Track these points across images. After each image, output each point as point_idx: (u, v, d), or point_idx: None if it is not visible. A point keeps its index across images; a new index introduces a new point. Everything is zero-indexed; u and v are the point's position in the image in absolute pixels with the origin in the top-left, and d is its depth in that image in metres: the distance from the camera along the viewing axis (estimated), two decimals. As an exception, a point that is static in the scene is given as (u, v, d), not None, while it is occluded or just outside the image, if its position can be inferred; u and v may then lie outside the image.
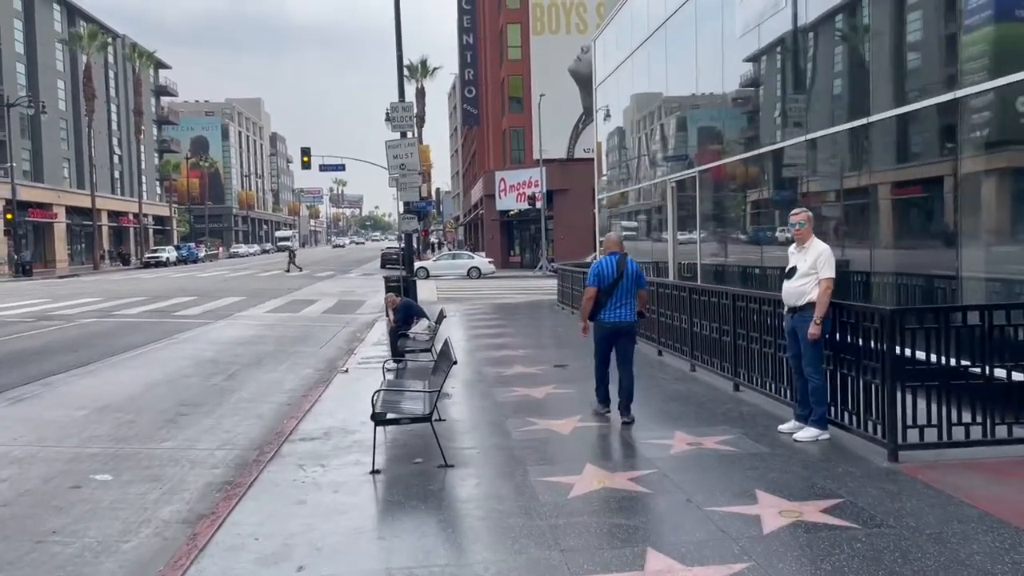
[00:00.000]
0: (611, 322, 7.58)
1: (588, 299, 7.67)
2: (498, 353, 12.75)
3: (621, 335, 7.63)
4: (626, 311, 7.58)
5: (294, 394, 10.52)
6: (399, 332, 11.55)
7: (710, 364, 9.66)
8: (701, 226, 14.40)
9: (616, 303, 7.54)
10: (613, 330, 7.61)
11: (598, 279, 7.59)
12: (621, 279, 7.52)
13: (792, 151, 10.71)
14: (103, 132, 71.05)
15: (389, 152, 20.21)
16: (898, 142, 8.69)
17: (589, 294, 7.65)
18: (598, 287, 7.57)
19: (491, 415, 8.33)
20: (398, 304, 11.84)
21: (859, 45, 9.35)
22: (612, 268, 7.56)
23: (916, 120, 8.21)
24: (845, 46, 9.77)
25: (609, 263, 7.60)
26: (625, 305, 7.57)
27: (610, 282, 7.52)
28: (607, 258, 7.67)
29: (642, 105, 18.38)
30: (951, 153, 7.55)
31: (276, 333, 17.77)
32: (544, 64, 48.57)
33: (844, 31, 9.83)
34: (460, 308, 22.13)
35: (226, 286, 34.97)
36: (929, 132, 8.21)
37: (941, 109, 7.63)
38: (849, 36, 9.71)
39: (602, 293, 7.55)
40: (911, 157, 8.60)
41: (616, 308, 7.55)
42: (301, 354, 14.50)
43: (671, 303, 11.20)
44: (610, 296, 7.51)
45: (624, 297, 7.55)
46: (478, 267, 41.42)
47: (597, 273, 7.62)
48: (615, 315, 7.56)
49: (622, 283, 7.53)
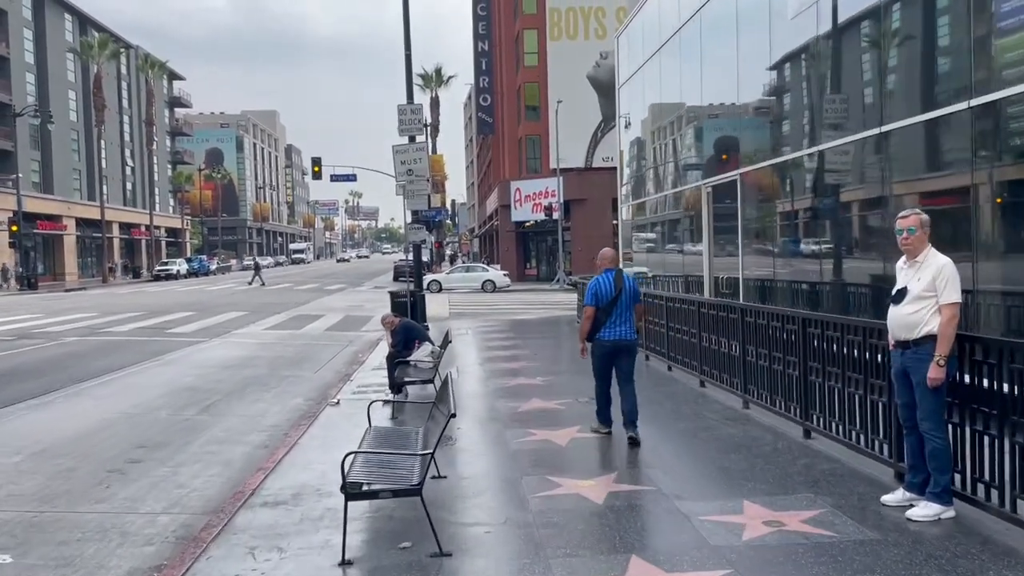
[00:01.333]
0: (612, 340, 7.37)
1: (587, 319, 7.43)
2: (513, 382, 11.14)
3: (622, 353, 7.44)
4: (626, 328, 7.39)
5: (274, 433, 8.95)
6: (398, 359, 9.97)
7: (768, 401, 8.00)
8: (743, 236, 12.75)
9: (616, 320, 7.35)
10: (614, 348, 7.41)
11: (596, 297, 7.36)
12: (620, 296, 7.34)
13: (864, 147, 9.07)
14: (115, 143, 70.31)
15: (396, 158, 18.72)
16: (1010, 129, 7.03)
17: (588, 313, 7.42)
18: (596, 306, 7.35)
19: (504, 469, 6.71)
20: (397, 326, 10.25)
21: (959, 17, 7.72)
22: (610, 285, 7.36)
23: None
24: (940, 19, 8.13)
25: (607, 280, 7.39)
26: (625, 322, 7.38)
27: (609, 299, 7.33)
28: (604, 275, 7.44)
29: (671, 106, 16.77)
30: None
31: (271, 353, 16.24)
32: (561, 71, 47.07)
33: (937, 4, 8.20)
34: (473, 325, 20.54)
35: (231, 300, 33.60)
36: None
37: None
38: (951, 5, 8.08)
39: (601, 311, 7.34)
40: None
41: (616, 326, 7.36)
42: (294, 379, 12.96)
43: (714, 325, 9.55)
44: (609, 314, 7.34)
45: (623, 314, 7.37)
46: (493, 280, 39.83)
47: (595, 291, 7.39)
48: (615, 333, 7.36)
49: (621, 299, 7.35)
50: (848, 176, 9.67)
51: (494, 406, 9.45)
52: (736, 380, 8.84)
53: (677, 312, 11.02)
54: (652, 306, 12.34)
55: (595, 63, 47.32)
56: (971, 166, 7.21)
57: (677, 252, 16.63)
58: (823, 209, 10.20)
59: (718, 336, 9.43)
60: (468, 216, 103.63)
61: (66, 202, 59.73)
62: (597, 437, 7.57)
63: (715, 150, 14.40)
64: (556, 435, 7.71)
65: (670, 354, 11.43)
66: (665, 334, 11.54)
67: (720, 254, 14.18)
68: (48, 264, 59.50)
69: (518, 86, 49.91)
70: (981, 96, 7.03)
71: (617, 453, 7.03)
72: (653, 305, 12.34)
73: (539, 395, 10.01)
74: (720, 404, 8.96)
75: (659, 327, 11.94)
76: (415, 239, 18.55)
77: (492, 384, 11.07)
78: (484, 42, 52.88)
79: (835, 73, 10.02)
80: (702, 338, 9.97)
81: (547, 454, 7.05)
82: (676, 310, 11.08)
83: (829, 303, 9.83)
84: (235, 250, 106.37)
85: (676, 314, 11.05)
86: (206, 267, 70.07)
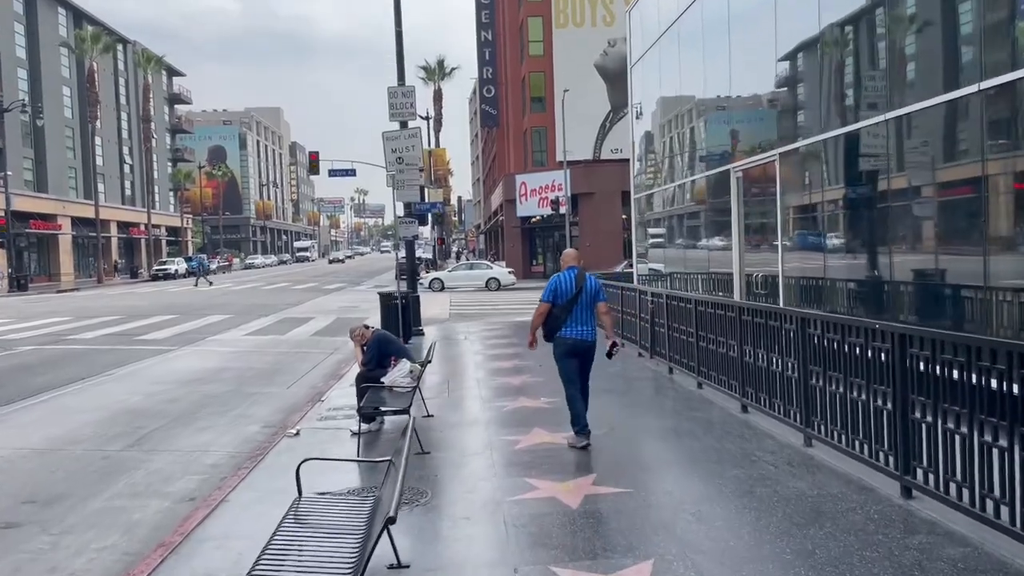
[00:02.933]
0: (572, 339, 7.26)
1: (539, 314, 7.38)
2: (513, 404, 9.25)
3: (582, 352, 7.31)
4: (587, 328, 7.28)
5: (210, 477, 7.12)
6: (369, 380, 8.10)
7: (842, 441, 6.09)
8: (783, 228, 10.83)
9: (576, 319, 7.25)
10: (575, 346, 7.27)
11: (554, 295, 7.29)
12: (580, 295, 7.24)
13: (955, 108, 7.13)
14: (113, 141, 68.71)
15: (387, 145, 16.89)
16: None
17: (541, 309, 7.35)
18: (553, 303, 7.28)
19: (491, 552, 4.83)
20: (369, 339, 8.36)
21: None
22: (570, 283, 7.29)
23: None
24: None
25: (567, 278, 7.32)
26: (586, 322, 7.28)
27: (568, 298, 7.25)
28: (565, 273, 7.38)
29: (691, 83, 14.82)
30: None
31: (244, 364, 14.42)
32: (568, 60, 45.09)
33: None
34: (473, 329, 18.67)
35: (222, 301, 31.83)
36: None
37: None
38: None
39: (560, 310, 7.25)
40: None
41: (576, 325, 7.25)
42: (260, 398, 11.14)
43: (761, 336, 7.65)
44: (569, 313, 7.24)
45: (584, 313, 7.27)
46: (497, 278, 37.90)
47: (553, 289, 7.32)
48: (576, 332, 7.25)
49: (581, 299, 7.25)
50: (942, 147, 7.73)
51: (488, 440, 7.57)
52: (794, 409, 6.94)
53: (709, 319, 9.12)
54: (678, 309, 10.43)
55: (603, 51, 45.33)
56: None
57: (699, 248, 14.71)
58: (907, 193, 8.26)
59: (766, 351, 7.53)
60: (474, 212, 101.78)
61: (61, 201, 58.10)
62: (616, 497, 5.67)
63: (746, 130, 12.47)
64: (565, 491, 5.81)
65: (700, 368, 9.53)
66: (695, 344, 9.64)
67: (753, 249, 12.26)
68: (43, 264, 57.94)
69: (523, 76, 47.94)
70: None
71: (652, 519, 5.14)
72: (679, 308, 10.43)
73: (544, 423, 8.14)
74: (773, 440, 7.05)
75: (686, 335, 10.04)
76: (406, 234, 16.69)
77: (489, 408, 9.19)
78: (488, 31, 50.92)
79: (924, 19, 8.09)
80: (744, 352, 8.07)
81: (552, 525, 5.15)
82: (709, 316, 9.18)
83: (910, 309, 7.90)
84: (238, 249, 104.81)
85: (709, 321, 9.15)
86: (206, 266, 68.33)
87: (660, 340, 11.43)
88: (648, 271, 18.46)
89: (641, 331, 12.54)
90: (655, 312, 11.63)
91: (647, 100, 17.97)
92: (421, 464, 6.74)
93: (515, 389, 10.13)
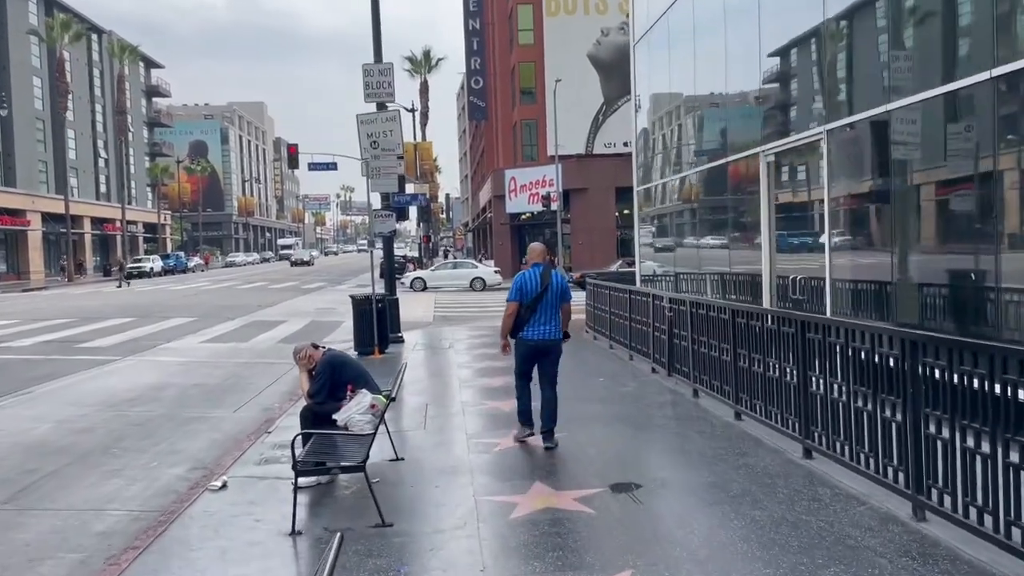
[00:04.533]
0: (535, 340, 6.94)
1: (509, 315, 7.04)
2: (506, 443, 7.31)
3: (546, 353, 6.98)
4: (551, 328, 6.99)
5: (88, 558, 5.17)
6: (318, 417, 6.14)
7: (957, 508, 4.21)
8: (830, 220, 8.94)
9: (540, 319, 6.95)
10: (537, 348, 6.97)
11: (520, 293, 6.97)
12: (546, 293, 6.93)
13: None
14: (87, 134, 66.29)
15: (361, 130, 14.93)
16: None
17: (510, 310, 7.03)
18: (520, 302, 6.95)
19: None
20: (318, 362, 6.38)
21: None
22: (536, 281, 6.97)
23: None
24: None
25: (533, 275, 7.01)
26: (550, 321, 6.98)
27: (534, 296, 6.92)
28: (531, 270, 7.08)
29: (710, 52, 12.91)
30: None
31: (190, 379, 12.44)
32: (559, 49, 43.13)
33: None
34: (459, 335, 16.74)
35: (190, 302, 29.72)
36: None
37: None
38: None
39: (525, 308, 6.92)
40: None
41: (540, 325, 6.95)
42: (198, 425, 9.18)
43: (822, 359, 5.77)
44: (533, 311, 6.94)
45: (548, 312, 6.97)
46: (482, 278, 35.91)
47: (519, 287, 7.00)
48: (539, 332, 6.94)
49: (547, 297, 6.94)
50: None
51: (474, 504, 5.62)
52: (894, 466, 5.03)
53: (754, 334, 7.22)
54: (708, 320, 8.51)
55: (596, 40, 43.43)
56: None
57: (722, 247, 12.83)
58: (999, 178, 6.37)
59: (844, 382, 5.62)
60: (462, 210, 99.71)
61: (30, 195, 55.66)
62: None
63: (783, 101, 10.57)
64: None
65: (739, 395, 7.63)
66: (731, 364, 7.73)
67: (788, 247, 10.38)
68: (12, 262, 55.57)
69: (512, 67, 45.97)
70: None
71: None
72: (708, 318, 8.52)
73: (547, 474, 6.22)
74: (867, 508, 5.13)
75: (717, 352, 8.15)
76: (382, 230, 14.71)
77: (476, 446, 7.26)
78: (476, 19, 48.87)
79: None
80: (808, 380, 6.16)
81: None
82: (754, 330, 7.27)
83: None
84: (220, 246, 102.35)
85: (754, 336, 7.24)
86: (183, 264, 66.00)
87: (681, 355, 9.52)
88: (654, 271, 16.55)
89: (655, 343, 10.62)
90: (674, 322, 9.72)
91: (653, 77, 16.04)
92: (377, 547, 4.80)
93: (508, 418, 8.19)
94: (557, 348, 7.03)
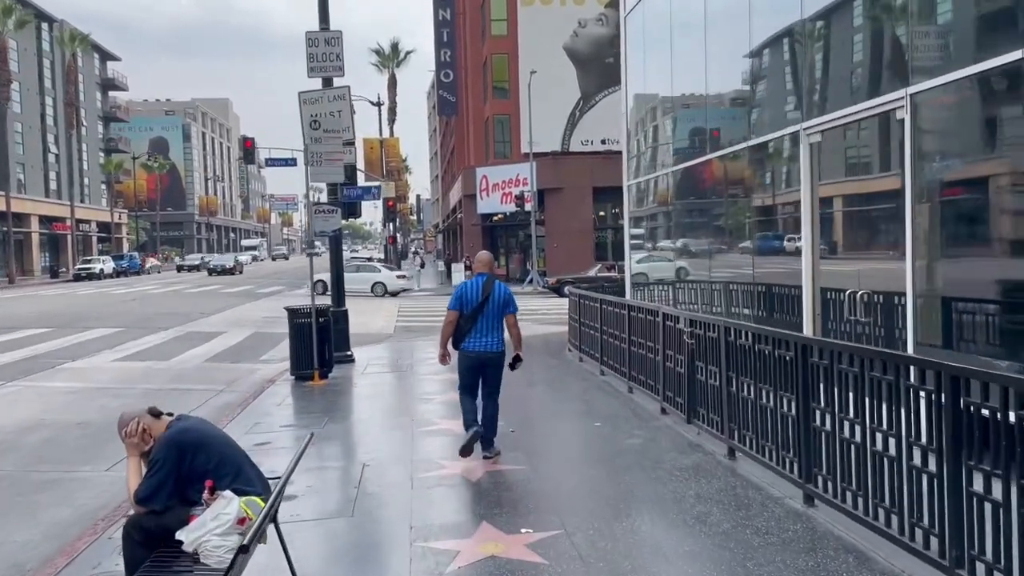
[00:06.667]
0: (475, 352, 6.73)
1: (448, 323, 6.80)
2: (473, 550, 4.85)
3: (487, 366, 6.77)
4: (492, 339, 6.74)
5: None
6: (151, 535, 3.64)
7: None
8: (912, 216, 6.58)
9: (481, 330, 6.69)
10: (479, 361, 6.75)
11: (460, 302, 6.75)
12: (486, 304, 6.68)
13: None
14: (35, 127, 62.58)
15: (304, 111, 12.46)
16: None
17: (449, 318, 6.78)
18: (460, 311, 6.72)
19: None
20: (158, 443, 3.87)
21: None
22: (477, 291, 6.72)
23: None
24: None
25: (475, 285, 6.78)
26: (491, 332, 6.72)
27: (474, 306, 6.68)
28: (474, 280, 6.85)
29: (731, 10, 10.56)
30: None
31: (75, 415, 9.85)
32: (534, 41, 40.72)
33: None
34: (420, 352, 14.26)
35: (127, 308, 26.88)
36: None
37: None
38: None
39: (465, 319, 6.69)
40: None
41: (481, 336, 6.70)
42: (48, 493, 6.68)
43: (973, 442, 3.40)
44: (474, 323, 6.68)
45: (490, 323, 6.72)
46: (383, 283, 33.74)
47: (460, 296, 6.79)
48: (480, 344, 6.71)
49: (488, 308, 6.69)
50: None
51: None
52: None
53: (840, 380, 4.83)
54: (752, 354, 6.09)
55: (573, 32, 41.09)
56: None
57: (735, 248, 10.48)
58: None
59: None
60: (432, 211, 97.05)
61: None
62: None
63: (837, 67, 8.21)
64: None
65: (812, 469, 5.24)
66: (800, 423, 5.33)
67: (839, 253, 8.04)
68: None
69: (485, 59, 43.50)
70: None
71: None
72: (753, 352, 6.11)
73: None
74: None
75: (774, 402, 5.76)
76: (325, 228, 12.11)
77: (423, 560, 4.78)
78: (446, 9, 46.24)
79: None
80: (962, 474, 3.79)
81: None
82: (830, 375, 4.89)
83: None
84: (181, 246, 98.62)
85: (841, 384, 4.85)
86: (136, 265, 62.55)
87: (708, 399, 7.11)
88: (652, 278, 14.19)
89: (668, 377, 8.19)
90: (697, 353, 7.31)
91: (649, 49, 13.66)
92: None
93: (478, 495, 5.71)
94: (499, 359, 6.78)
